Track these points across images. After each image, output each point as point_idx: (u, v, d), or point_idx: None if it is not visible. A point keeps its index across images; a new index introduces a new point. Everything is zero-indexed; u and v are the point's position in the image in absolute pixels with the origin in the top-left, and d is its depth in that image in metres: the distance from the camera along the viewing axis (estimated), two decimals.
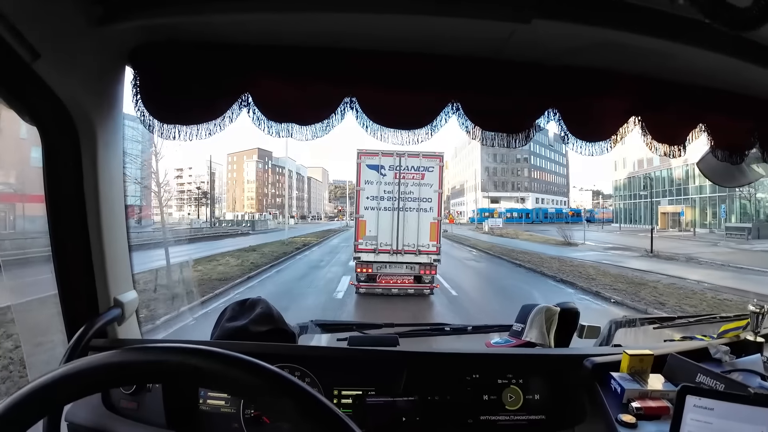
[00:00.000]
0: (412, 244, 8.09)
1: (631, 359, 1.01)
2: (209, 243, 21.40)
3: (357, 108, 1.13)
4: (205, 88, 1.09)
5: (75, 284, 1.06)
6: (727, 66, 1.11)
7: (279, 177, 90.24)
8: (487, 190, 57.92)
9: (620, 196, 42.73)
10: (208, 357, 0.44)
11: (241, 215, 69.50)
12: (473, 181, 60.98)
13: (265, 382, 0.43)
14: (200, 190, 55.68)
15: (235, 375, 0.43)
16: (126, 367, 0.44)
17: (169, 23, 1.00)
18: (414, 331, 1.37)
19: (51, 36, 0.84)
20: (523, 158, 63.17)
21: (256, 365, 0.44)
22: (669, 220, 36.02)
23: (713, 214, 29.99)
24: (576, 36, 1.03)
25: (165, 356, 0.45)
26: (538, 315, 1.29)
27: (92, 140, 1.00)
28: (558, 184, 72.14)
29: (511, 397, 1.06)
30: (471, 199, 62.40)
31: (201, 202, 52.81)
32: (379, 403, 1.02)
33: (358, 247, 8.16)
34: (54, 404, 0.44)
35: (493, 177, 61.98)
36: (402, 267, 8.14)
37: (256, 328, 1.15)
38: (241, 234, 30.44)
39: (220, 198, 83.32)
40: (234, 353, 0.44)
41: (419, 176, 8.19)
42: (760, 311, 1.20)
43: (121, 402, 1.03)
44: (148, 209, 26.67)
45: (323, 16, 0.98)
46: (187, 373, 0.44)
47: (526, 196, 62.82)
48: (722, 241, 21.75)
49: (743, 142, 1.35)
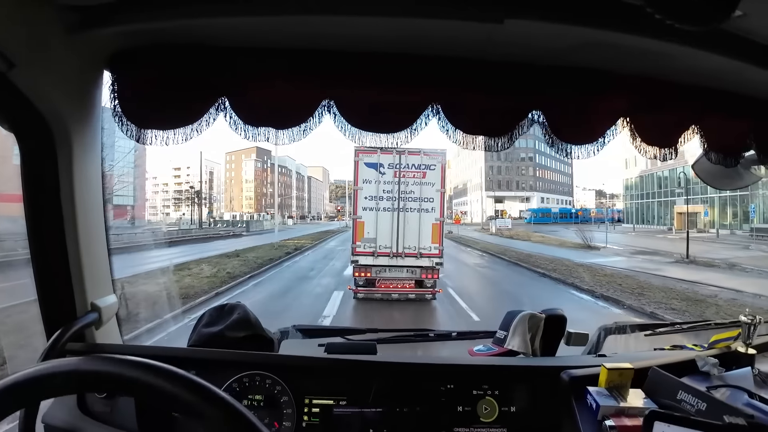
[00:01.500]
0: (413, 247, 7.73)
1: (609, 373, 0.97)
2: (195, 246, 19.68)
3: (335, 111, 1.12)
4: (181, 92, 1.09)
5: (53, 288, 1.07)
6: (720, 65, 1.09)
7: (279, 176, 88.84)
8: (492, 189, 56.72)
9: (632, 196, 41.75)
10: (145, 370, 0.46)
11: (240, 215, 68.04)
12: (477, 179, 60.02)
13: (196, 398, 0.45)
14: (193, 189, 53.76)
15: (168, 391, 0.45)
16: (69, 376, 0.46)
17: (147, 29, 1.01)
18: (397, 337, 1.37)
19: (27, 44, 0.85)
20: (527, 157, 62.00)
21: (192, 382, 0.45)
22: (686, 221, 35.61)
23: (733, 214, 29.07)
24: (557, 36, 1.01)
25: (105, 367, 0.46)
26: (521, 322, 1.26)
27: (68, 145, 1.00)
28: (562, 184, 70.93)
29: (486, 408, 1.04)
30: (474, 198, 61.33)
31: (194, 201, 50.99)
32: (346, 414, 1.01)
33: (356, 249, 7.77)
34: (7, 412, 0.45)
35: (497, 176, 60.85)
36: (402, 271, 7.79)
37: (232, 333, 1.15)
38: (233, 235, 28.99)
39: (218, 197, 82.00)
40: (168, 367, 0.47)
41: (420, 175, 7.80)
42: (751, 322, 1.17)
43: (95, 405, 1.04)
44: (142, 209, 26.11)
45: (299, 19, 0.98)
46: (126, 386, 0.46)
47: (531, 195, 61.59)
48: (752, 244, 20.33)
49: (738, 144, 1.32)
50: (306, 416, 1.01)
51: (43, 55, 0.89)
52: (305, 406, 1.01)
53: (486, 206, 54.82)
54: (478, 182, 60.16)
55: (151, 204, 75.19)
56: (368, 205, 7.81)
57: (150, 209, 72.39)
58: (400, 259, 7.72)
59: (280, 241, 19.88)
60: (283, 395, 1.02)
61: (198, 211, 44.51)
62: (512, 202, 58.87)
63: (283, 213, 78.06)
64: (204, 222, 40.74)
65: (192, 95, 1.08)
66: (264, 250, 16.66)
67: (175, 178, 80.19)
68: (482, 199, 55.54)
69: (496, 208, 59.58)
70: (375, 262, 7.75)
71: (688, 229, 18.21)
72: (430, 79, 1.12)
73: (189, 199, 55.62)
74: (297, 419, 1.01)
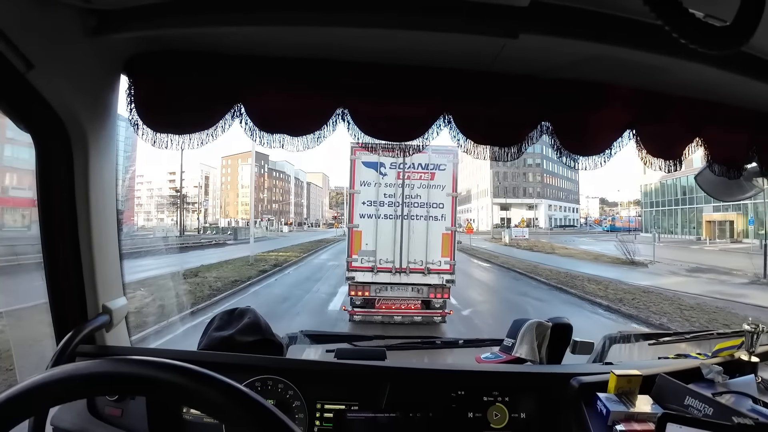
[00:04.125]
0: (419, 261, 6.58)
1: (618, 380, 1.00)
2: (162, 258, 16.41)
3: (349, 119, 1.16)
4: (198, 97, 1.12)
5: (65, 290, 1.08)
6: (723, 79, 1.12)
7: (277, 182, 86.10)
8: (498, 196, 54.41)
9: (651, 203, 39.78)
10: (166, 371, 0.46)
11: (235, 221, 65.21)
12: (482, 185, 57.76)
13: (228, 399, 0.45)
14: (179, 193, 50.50)
15: (198, 392, 0.46)
16: (87, 379, 0.46)
17: (164, 34, 1.04)
18: (404, 344, 1.38)
19: (45, 46, 0.87)
20: (535, 163, 59.55)
21: (223, 383, 0.46)
22: (716, 230, 32.00)
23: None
24: (568, 50, 1.05)
25: (123, 369, 0.46)
26: (529, 330, 1.27)
27: (84, 148, 1.03)
28: (569, 191, 68.59)
29: (496, 415, 1.05)
30: (479, 205, 59.03)
31: (178, 206, 47.94)
32: (359, 419, 1.03)
33: (352, 264, 6.57)
34: (20, 419, 0.46)
35: (504, 182, 58.31)
36: (407, 289, 6.62)
37: (243, 338, 1.16)
38: (214, 245, 25.44)
39: (214, 203, 79.46)
40: (197, 369, 0.47)
41: (428, 176, 6.68)
42: (754, 330, 1.20)
43: (105, 409, 1.04)
44: (130, 214, 24.41)
45: (316, 30, 1.01)
46: (147, 386, 0.47)
47: (539, 202, 59.10)
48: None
49: (741, 156, 1.36)
50: (318, 421, 1.02)
51: (61, 58, 0.92)
52: (317, 411, 1.03)
53: (492, 214, 52.33)
54: (483, 188, 58.42)
55: (146, 209, 72.67)
56: (367, 212, 6.65)
57: (144, 214, 70.02)
58: (404, 275, 6.58)
59: (259, 254, 16.44)
60: (295, 400, 1.03)
61: (181, 217, 41.26)
62: (518, 210, 56.52)
63: (280, 219, 75.31)
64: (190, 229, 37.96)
65: (208, 101, 1.11)
66: (234, 266, 13.59)
67: (170, 182, 77.60)
68: (491, 206, 53.17)
69: (501, 215, 57.13)
70: (374, 279, 6.55)
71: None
72: (442, 91, 1.16)
73: (173, 204, 52.83)
74: (309, 424, 1.02)
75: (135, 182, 51.66)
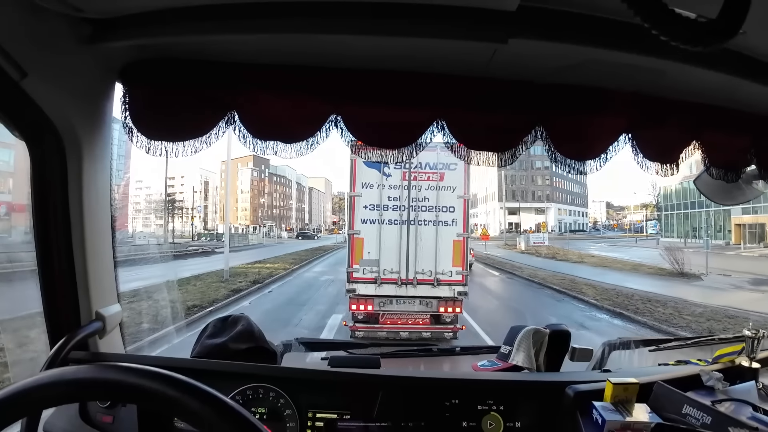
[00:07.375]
0: (427, 271, 5.92)
1: (614, 388, 0.98)
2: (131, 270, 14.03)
3: (342, 126, 1.17)
4: (192, 105, 1.14)
5: (58, 296, 1.10)
6: (720, 82, 1.13)
7: (277, 186, 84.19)
8: (506, 200, 52.42)
9: (671, 206, 38.23)
10: (149, 378, 0.46)
11: (235, 227, 63.17)
12: (490, 189, 55.77)
13: (208, 409, 0.46)
14: (171, 198, 48.48)
15: (180, 400, 0.46)
16: (71, 384, 0.47)
17: (159, 43, 1.06)
18: (400, 351, 1.39)
19: (40, 55, 0.89)
20: (543, 166, 57.71)
21: (204, 392, 0.46)
22: (746, 233, 30.01)
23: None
24: (559, 55, 1.06)
25: (108, 375, 0.47)
26: (526, 338, 1.27)
27: (78, 155, 1.04)
28: (578, 194, 66.47)
29: (491, 424, 1.05)
30: (487, 210, 56.76)
31: (166, 211, 46.23)
32: (350, 428, 1.03)
33: (353, 275, 5.95)
34: (5, 423, 0.46)
35: (512, 185, 56.15)
36: (414, 303, 6.00)
37: (236, 345, 1.17)
38: (201, 253, 23.18)
39: (214, 208, 77.65)
40: (179, 377, 0.47)
41: (437, 177, 6.05)
42: (755, 336, 1.19)
43: (97, 415, 1.05)
44: (124, 220, 23.49)
45: (309, 37, 1.03)
46: (130, 394, 0.47)
47: (548, 206, 56.78)
48: None
49: (739, 159, 1.36)
50: (309, 430, 1.03)
51: (55, 66, 0.94)
52: (309, 419, 1.03)
53: (502, 218, 50.06)
54: (491, 192, 56.36)
55: (144, 215, 70.95)
56: (369, 217, 6.05)
57: (142, 220, 68.39)
58: (411, 287, 5.95)
59: (240, 267, 14.03)
60: (286, 408, 1.03)
61: (167, 223, 39.29)
62: (527, 214, 54.18)
63: (280, 225, 73.32)
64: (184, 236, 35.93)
65: (202, 108, 1.13)
66: (204, 283, 11.65)
67: (169, 188, 75.95)
68: (499, 211, 50.94)
69: (509, 220, 54.82)
70: (378, 291, 5.96)
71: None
72: (434, 97, 1.17)
73: (164, 210, 51.21)
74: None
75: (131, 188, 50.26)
